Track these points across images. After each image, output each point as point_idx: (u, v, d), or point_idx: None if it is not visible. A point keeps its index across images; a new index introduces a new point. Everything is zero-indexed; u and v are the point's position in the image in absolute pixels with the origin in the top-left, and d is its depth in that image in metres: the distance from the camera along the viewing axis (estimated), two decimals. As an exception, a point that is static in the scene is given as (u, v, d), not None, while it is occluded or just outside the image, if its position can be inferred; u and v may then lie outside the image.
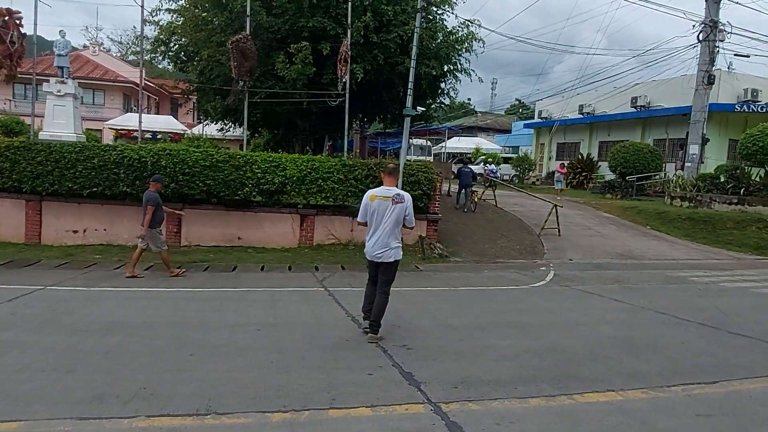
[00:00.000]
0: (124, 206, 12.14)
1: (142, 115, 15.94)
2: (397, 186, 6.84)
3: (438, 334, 6.47)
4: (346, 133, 15.81)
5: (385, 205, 5.92)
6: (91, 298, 7.84)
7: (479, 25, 18.47)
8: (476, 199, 18.06)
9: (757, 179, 18.83)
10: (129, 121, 28.33)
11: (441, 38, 18.00)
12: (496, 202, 18.61)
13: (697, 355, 5.97)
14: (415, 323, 6.93)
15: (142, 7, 14.07)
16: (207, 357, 5.29)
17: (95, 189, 11.71)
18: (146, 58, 19.55)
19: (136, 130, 16.07)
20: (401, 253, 6.19)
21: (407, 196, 6.09)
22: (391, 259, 5.98)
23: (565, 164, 28.78)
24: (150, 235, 9.42)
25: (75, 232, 12.14)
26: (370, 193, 6.10)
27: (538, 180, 33.57)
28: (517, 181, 30.94)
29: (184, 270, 9.89)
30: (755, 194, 17.96)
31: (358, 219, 6.23)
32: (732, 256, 14.48)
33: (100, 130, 30.60)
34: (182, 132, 30.34)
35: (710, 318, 7.73)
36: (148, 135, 26.52)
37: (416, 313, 7.53)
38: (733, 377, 5.25)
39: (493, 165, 31.47)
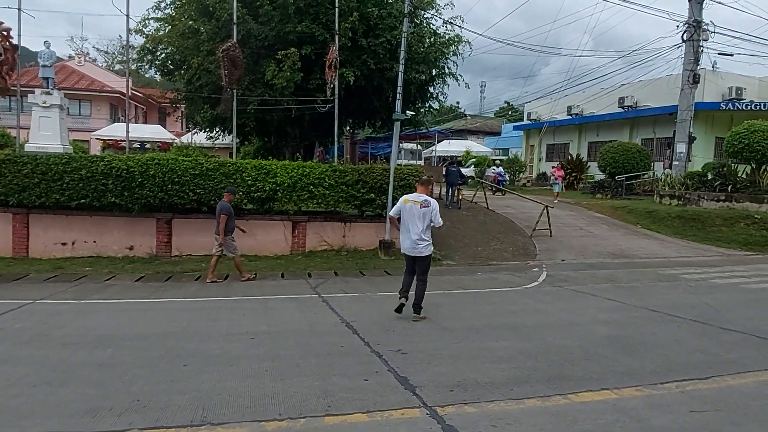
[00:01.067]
0: (113, 217, 12.06)
1: (130, 124, 15.82)
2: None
3: (433, 337, 6.46)
4: (335, 138, 15.82)
5: (415, 208, 7.17)
6: (81, 311, 7.77)
7: (462, 22, 18.55)
8: (460, 197, 18.87)
9: (744, 176, 19.03)
10: (116, 131, 28.16)
11: (429, 42, 18.09)
12: (487, 204, 18.67)
13: (690, 352, 6.00)
14: (410, 327, 6.92)
15: (128, 16, 14.00)
16: (201, 367, 5.24)
17: (83, 200, 11.62)
18: (132, 67, 19.45)
19: (124, 140, 15.95)
20: (432, 248, 7.44)
21: (434, 202, 7.34)
22: (425, 253, 7.27)
23: (559, 164, 27.64)
24: (225, 243, 10.02)
25: (63, 244, 12.02)
26: (404, 197, 7.50)
27: (528, 182, 33.73)
28: (507, 183, 31.06)
29: (254, 275, 10.37)
30: (742, 191, 18.15)
31: (391, 213, 7.81)
32: (721, 253, 14.61)
33: (88, 141, 30.36)
34: (171, 141, 30.18)
35: (702, 314, 7.78)
36: (136, 145, 26.33)
37: (410, 318, 7.52)
38: (725, 372, 5.28)
39: (501, 168, 28.12)
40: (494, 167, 27.92)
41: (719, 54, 23.84)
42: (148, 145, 28.41)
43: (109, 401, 4.34)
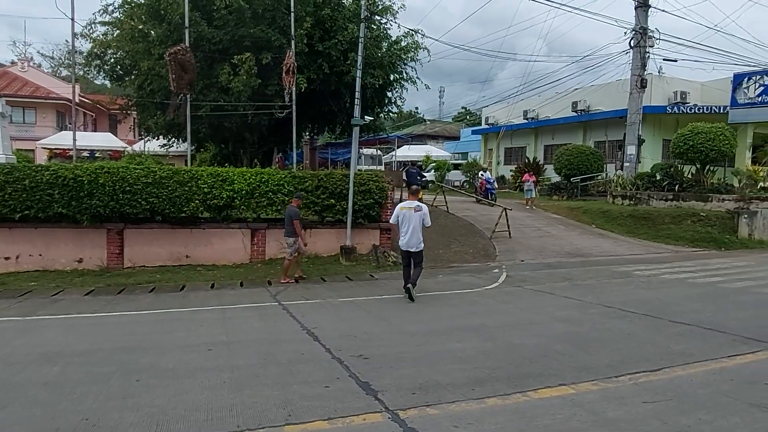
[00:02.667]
0: (60, 229, 11.54)
1: (78, 132, 15.23)
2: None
3: (395, 341, 6.45)
4: (294, 145, 15.67)
5: (410, 213, 8.87)
6: (26, 327, 7.38)
7: (423, 35, 18.81)
8: (420, 197, 19.05)
9: (690, 176, 19.89)
10: (64, 139, 27.00)
11: (385, 47, 18.18)
12: (447, 207, 18.86)
13: (642, 345, 6.20)
14: (372, 332, 6.88)
15: (73, 20, 13.51)
16: (155, 381, 5.06)
17: (27, 212, 11.08)
18: (80, 73, 18.75)
19: (72, 149, 15.31)
20: (423, 244, 9.03)
21: (424, 206, 9.06)
22: (420, 248, 8.95)
23: (527, 169, 25.91)
24: (290, 242, 10.56)
25: (7, 258, 11.41)
26: (400, 205, 9.10)
27: (487, 185, 34.23)
28: (467, 186, 31.48)
29: (299, 277, 10.76)
30: (688, 190, 18.97)
31: (391, 221, 9.44)
32: (670, 250, 15.21)
33: (33, 150, 29.06)
34: (122, 149, 29.20)
35: (653, 309, 8.06)
36: (85, 154, 25.37)
37: (372, 322, 7.49)
38: (675, 364, 5.48)
39: (488, 173, 24.78)
40: (482, 172, 24.55)
41: (664, 60, 25.02)
42: (98, 154, 27.38)
43: (55, 422, 4.13)
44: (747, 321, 7.39)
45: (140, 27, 16.19)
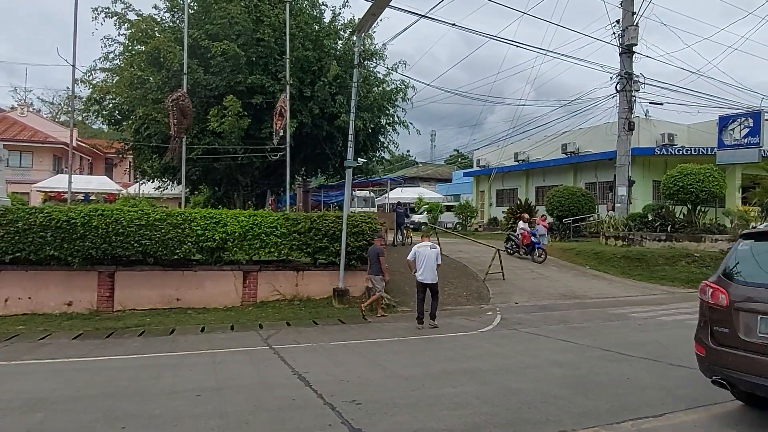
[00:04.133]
0: (51, 271, 11.38)
1: (74, 176, 15.26)
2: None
3: (389, 386, 6.28)
4: (287, 187, 15.76)
5: (426, 251, 10.37)
6: (11, 372, 7.16)
7: (405, 73, 19.33)
8: (409, 235, 20.55)
9: (681, 216, 20.05)
10: (59, 182, 27.04)
11: (376, 92, 18.59)
12: (440, 249, 18.77)
13: (643, 389, 6.06)
14: (365, 377, 6.71)
15: (74, 66, 13.71)
16: (141, 429, 4.88)
17: (18, 254, 10.96)
18: (78, 118, 18.98)
19: (67, 192, 15.30)
20: (437, 277, 10.50)
21: (437, 246, 10.81)
22: (435, 281, 10.38)
23: (543, 215, 23.16)
24: (377, 279, 11.45)
25: (-5, 302, 11.19)
26: (417, 245, 10.64)
27: (480, 227, 34.37)
28: (460, 228, 31.55)
29: (385, 306, 11.81)
30: (681, 231, 19.08)
31: (408, 258, 10.69)
32: (666, 291, 15.14)
33: (28, 194, 29.04)
34: (117, 192, 29.25)
35: (652, 352, 7.94)
36: (80, 197, 25.35)
37: (366, 367, 7.32)
38: (678, 409, 5.34)
39: (539, 225, 21.06)
40: (521, 222, 19.93)
41: (650, 103, 25.53)
42: (92, 197, 27.40)
43: (33, 474, 3.94)
44: (746, 363, 7.26)
45: (139, 74, 16.51)
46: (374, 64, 18.62)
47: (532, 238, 18.44)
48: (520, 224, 19.44)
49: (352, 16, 18.10)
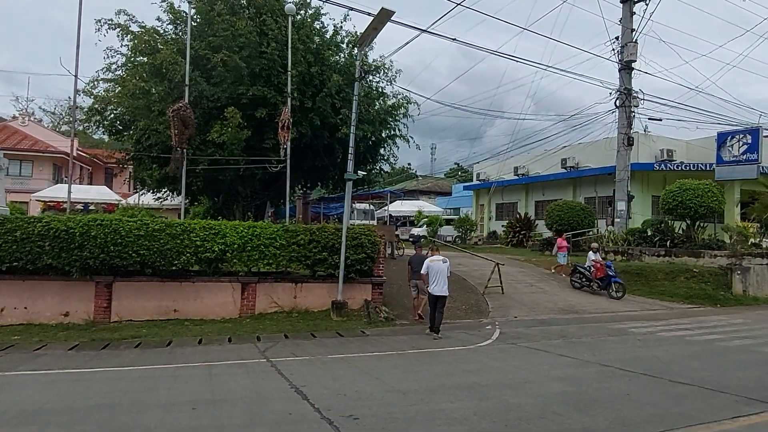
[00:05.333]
0: (48, 281, 11.32)
1: (74, 185, 15.27)
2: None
3: (387, 400, 6.23)
4: (287, 198, 15.76)
5: (438, 265, 10.94)
6: (5, 383, 7.09)
7: (410, 97, 19.52)
8: (400, 245, 21.86)
9: (680, 232, 20.04)
10: (59, 192, 27.06)
11: (378, 105, 18.69)
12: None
13: (642, 406, 6.02)
14: (363, 391, 6.66)
15: (76, 76, 13.79)
16: (134, 443, 4.82)
17: (15, 263, 10.92)
18: (79, 128, 19.03)
19: (66, 202, 15.30)
20: (448, 290, 11.10)
21: (448, 260, 11.28)
22: (446, 293, 11.01)
23: (563, 235, 21.13)
24: (420, 285, 12.23)
25: (-9, 311, 11.12)
26: (429, 259, 11.21)
27: (480, 240, 34.36)
28: (459, 241, 31.53)
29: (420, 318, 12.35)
30: (680, 246, 19.06)
31: (422, 271, 11.18)
32: (665, 306, 15.10)
33: (27, 203, 29.01)
34: (116, 202, 29.24)
35: (651, 368, 7.89)
36: (79, 206, 25.34)
37: (364, 381, 7.26)
38: (677, 426, 5.30)
39: (598, 254, 17.90)
40: (591, 252, 17.60)
41: (650, 119, 25.66)
42: (92, 207, 27.39)
43: (25, 487, 3.88)
44: (748, 381, 7.24)
45: (142, 84, 16.60)
46: (377, 79, 18.78)
47: (608, 271, 16.20)
48: (591, 255, 17.30)
49: (354, 27, 18.28)
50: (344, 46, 18.97)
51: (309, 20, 18.00)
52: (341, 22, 18.29)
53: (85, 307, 11.53)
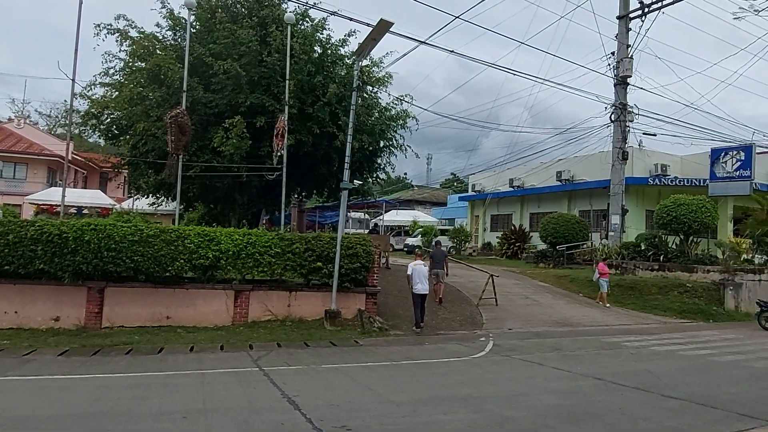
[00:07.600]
0: (39, 286, 11.21)
1: (68, 189, 15.20)
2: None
3: (380, 411, 6.20)
4: (283, 206, 15.73)
5: (420, 267, 12.72)
6: (-7, 389, 7.01)
7: (410, 102, 19.46)
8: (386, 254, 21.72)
9: (674, 246, 20.14)
10: (52, 195, 26.88)
11: (376, 115, 18.73)
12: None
13: (635, 421, 6.01)
14: (356, 401, 6.62)
15: (73, 80, 13.77)
16: (124, 451, 4.76)
17: (7, 267, 10.82)
18: (75, 131, 18.97)
19: (59, 205, 15.20)
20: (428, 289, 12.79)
21: (426, 264, 13.63)
22: (427, 292, 12.65)
23: (605, 260, 18.67)
24: (442, 273, 15.09)
25: (-20, 316, 11.00)
26: (413, 263, 12.89)
27: (474, 251, 34.39)
28: (454, 252, 31.54)
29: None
30: (673, 260, 19.15)
31: (408, 272, 12.81)
32: (658, 320, 15.14)
33: (20, 205, 28.84)
34: (111, 207, 29.09)
35: (644, 382, 7.90)
36: (73, 210, 25.19)
37: (357, 391, 7.22)
38: (670, 441, 5.29)
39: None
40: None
41: (644, 134, 25.84)
42: (85, 211, 27.22)
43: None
44: (740, 396, 7.25)
45: (139, 90, 16.59)
46: (376, 89, 18.83)
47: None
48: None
49: (356, 37, 18.28)
50: (348, 60, 19.01)
51: (310, 30, 18.05)
52: (346, 36, 18.25)
53: (77, 313, 11.42)
